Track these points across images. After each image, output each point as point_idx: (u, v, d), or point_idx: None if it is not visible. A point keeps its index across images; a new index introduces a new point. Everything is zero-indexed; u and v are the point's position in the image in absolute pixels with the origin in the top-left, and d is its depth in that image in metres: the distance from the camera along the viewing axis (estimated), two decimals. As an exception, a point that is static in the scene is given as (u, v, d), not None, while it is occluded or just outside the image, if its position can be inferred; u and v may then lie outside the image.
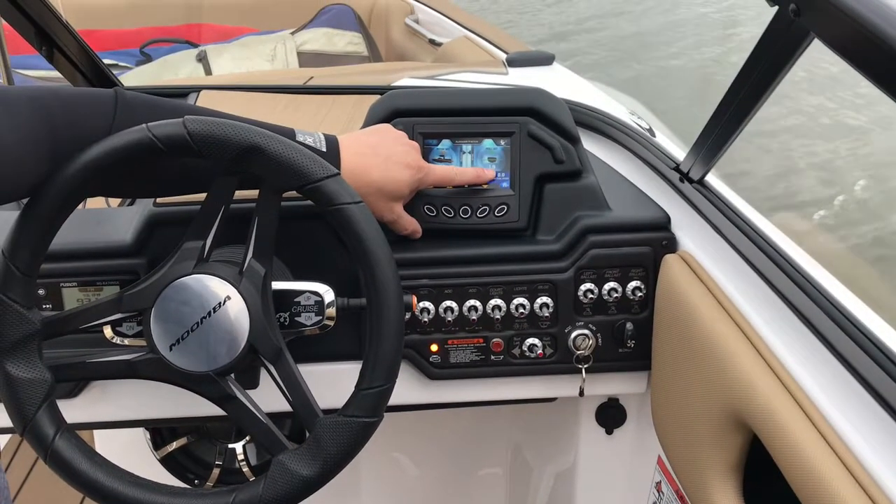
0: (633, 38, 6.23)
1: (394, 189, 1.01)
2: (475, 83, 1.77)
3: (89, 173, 0.82)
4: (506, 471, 1.69)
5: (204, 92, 1.48)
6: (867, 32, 0.60)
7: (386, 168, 1.00)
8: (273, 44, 2.86)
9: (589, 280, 1.10)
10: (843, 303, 0.83)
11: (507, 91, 1.16)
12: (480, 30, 2.60)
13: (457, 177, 1.08)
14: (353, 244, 0.84)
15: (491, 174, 1.10)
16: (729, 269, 0.99)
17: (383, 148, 1.01)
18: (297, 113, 1.38)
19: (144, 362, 0.86)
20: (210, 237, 0.86)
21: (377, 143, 1.01)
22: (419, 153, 1.06)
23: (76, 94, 0.85)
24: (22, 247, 0.82)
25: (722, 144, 0.99)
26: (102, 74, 1.48)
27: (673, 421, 1.03)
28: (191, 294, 0.84)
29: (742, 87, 0.90)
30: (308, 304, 0.92)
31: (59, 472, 0.84)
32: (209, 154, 0.83)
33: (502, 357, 1.11)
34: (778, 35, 0.80)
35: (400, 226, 1.06)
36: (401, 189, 1.02)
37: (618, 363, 1.13)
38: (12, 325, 0.82)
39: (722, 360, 0.90)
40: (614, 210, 1.12)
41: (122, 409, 1.14)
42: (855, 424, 0.74)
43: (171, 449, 1.43)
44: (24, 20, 1.27)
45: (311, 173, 0.83)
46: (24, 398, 0.83)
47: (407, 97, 1.13)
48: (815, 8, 0.68)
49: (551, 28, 6.68)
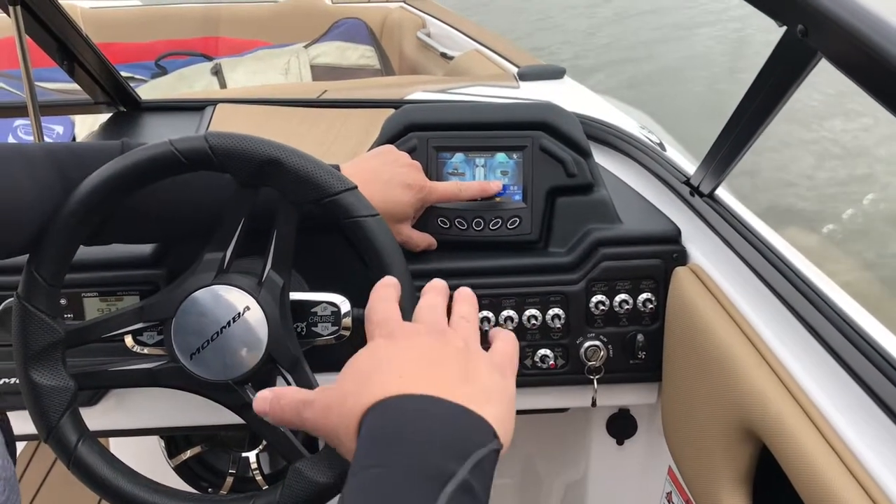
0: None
1: (398, 211, 1.02)
2: (487, 97, 1.79)
3: (113, 186, 0.84)
4: (517, 481, 1.69)
5: (220, 105, 1.50)
6: (873, 53, 0.62)
7: (388, 191, 1.00)
8: (287, 57, 2.89)
9: (600, 292, 1.11)
10: (852, 315, 0.84)
11: (519, 105, 1.18)
12: (491, 43, 2.62)
13: (462, 192, 1.08)
14: (369, 256, 0.86)
15: (497, 186, 1.11)
16: (739, 282, 1.00)
17: (384, 172, 1.01)
18: (313, 127, 1.40)
19: (165, 371, 0.88)
20: (230, 249, 0.88)
21: (378, 167, 1.02)
22: (421, 172, 1.07)
23: (87, 146, 0.90)
24: (47, 257, 0.84)
25: (732, 159, 1.00)
26: (120, 87, 1.51)
27: (683, 431, 1.04)
28: (211, 304, 0.86)
29: (751, 103, 0.91)
30: (325, 315, 0.94)
31: (81, 479, 0.86)
32: (229, 167, 0.85)
33: (514, 368, 1.12)
34: (786, 54, 0.81)
35: (412, 245, 1.07)
36: (404, 210, 1.03)
37: (629, 374, 1.14)
38: (38, 334, 0.84)
39: (732, 371, 0.91)
40: (625, 223, 1.14)
41: (138, 417, 1.16)
42: (863, 435, 0.75)
43: (186, 457, 1.45)
44: (48, 36, 1.30)
45: (328, 186, 0.85)
46: (48, 405, 0.85)
47: (421, 111, 1.15)
48: (822, 28, 0.69)
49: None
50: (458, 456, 0.48)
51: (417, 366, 0.55)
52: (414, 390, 0.52)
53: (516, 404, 0.65)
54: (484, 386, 0.55)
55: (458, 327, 0.62)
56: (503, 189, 1.12)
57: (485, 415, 0.52)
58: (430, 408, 0.51)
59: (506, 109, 1.18)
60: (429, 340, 0.59)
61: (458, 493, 0.46)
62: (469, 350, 0.59)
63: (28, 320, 0.84)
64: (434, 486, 0.46)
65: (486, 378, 0.57)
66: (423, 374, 0.54)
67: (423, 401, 0.52)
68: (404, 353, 0.56)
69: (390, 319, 0.61)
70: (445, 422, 0.51)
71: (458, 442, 0.50)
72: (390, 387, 0.52)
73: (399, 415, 0.51)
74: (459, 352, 0.58)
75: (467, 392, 0.53)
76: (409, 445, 0.49)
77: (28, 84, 1.30)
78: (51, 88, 2.30)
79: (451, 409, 0.51)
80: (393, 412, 0.51)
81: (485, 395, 0.54)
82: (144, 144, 0.87)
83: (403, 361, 0.55)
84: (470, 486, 0.47)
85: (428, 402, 0.52)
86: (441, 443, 0.49)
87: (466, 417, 0.51)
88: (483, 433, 0.51)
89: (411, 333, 0.59)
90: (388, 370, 0.54)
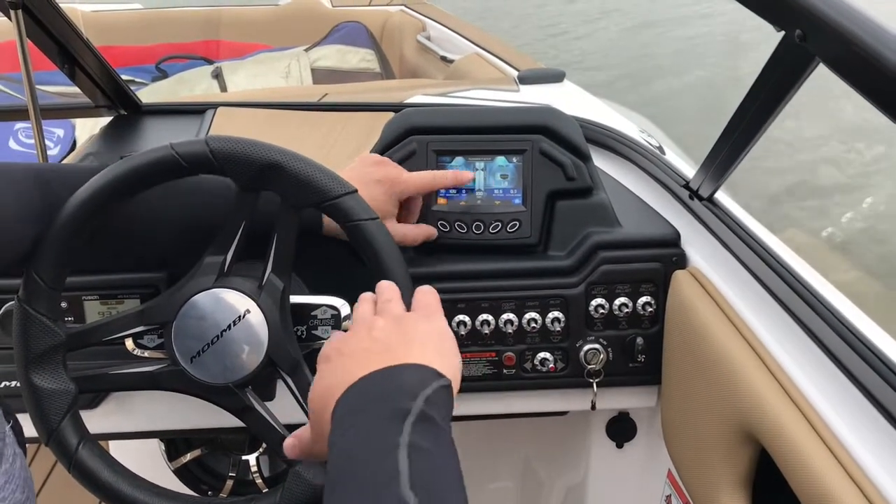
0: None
1: (374, 209, 0.99)
2: (487, 101, 1.79)
3: (115, 188, 0.84)
4: (517, 484, 1.70)
5: (221, 109, 1.51)
6: (870, 58, 0.62)
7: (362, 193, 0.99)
8: (287, 60, 2.90)
9: (600, 295, 1.11)
10: (851, 318, 0.85)
11: (519, 109, 1.18)
12: (491, 46, 2.63)
13: (436, 181, 1.08)
14: (369, 259, 0.86)
15: (469, 176, 1.10)
16: (738, 286, 1.00)
17: (352, 176, 0.99)
18: (313, 131, 1.41)
19: (166, 374, 0.88)
20: (230, 252, 0.89)
21: (349, 175, 1.00)
22: (391, 166, 1.05)
23: (73, 168, 0.91)
24: (48, 261, 0.84)
25: (731, 163, 1.01)
26: (121, 91, 1.51)
27: (683, 435, 1.05)
28: (211, 308, 0.86)
29: (750, 107, 0.92)
30: (325, 318, 0.94)
31: (82, 482, 0.86)
32: (230, 171, 0.85)
33: (514, 371, 1.13)
34: (784, 59, 0.82)
35: (408, 241, 1.07)
36: (380, 207, 1.01)
37: (628, 377, 1.14)
38: (39, 337, 0.84)
39: (731, 374, 0.91)
40: (625, 226, 1.14)
41: (138, 420, 1.16)
42: (862, 439, 0.75)
43: (186, 460, 1.45)
44: (49, 40, 1.30)
45: (329, 190, 0.85)
46: (48, 408, 0.85)
47: (421, 115, 1.15)
48: (820, 34, 0.70)
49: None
50: (411, 396, 0.59)
51: (355, 359, 0.65)
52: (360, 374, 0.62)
53: (516, 406, 0.71)
54: (419, 339, 0.67)
55: (383, 309, 0.74)
56: (503, 192, 1.12)
57: (426, 362, 0.64)
58: (376, 378, 0.62)
59: (506, 113, 1.18)
60: (354, 340, 0.68)
61: (418, 422, 0.56)
62: (398, 319, 0.71)
63: (29, 323, 0.84)
64: (397, 422, 0.56)
65: (419, 330, 0.69)
66: (362, 361, 0.64)
67: (370, 377, 0.62)
68: (339, 366, 0.66)
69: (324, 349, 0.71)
70: (393, 379, 0.62)
71: (408, 388, 0.60)
72: (341, 386, 0.63)
73: (354, 393, 0.61)
74: (388, 328, 0.69)
75: (404, 352, 0.65)
76: (370, 404, 0.59)
77: (29, 87, 1.31)
78: (52, 92, 2.31)
79: (394, 371, 0.63)
80: (349, 396, 0.62)
81: (420, 346, 0.66)
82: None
83: (344, 365, 0.65)
84: (427, 416, 0.57)
85: (374, 374, 0.62)
86: (394, 394, 0.60)
87: (410, 370, 0.63)
88: (428, 375, 0.62)
89: (341, 347, 0.68)
90: (334, 380, 0.64)
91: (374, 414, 0.58)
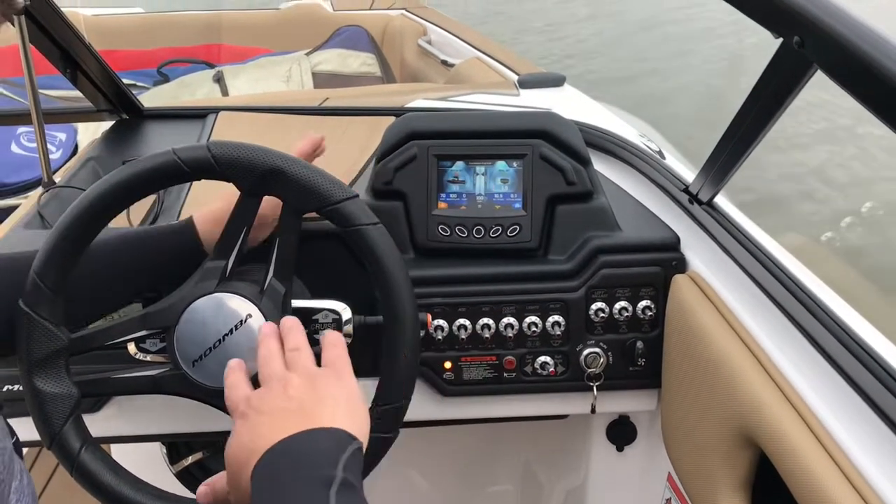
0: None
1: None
2: (488, 105, 1.80)
3: (117, 194, 0.85)
4: (517, 488, 1.70)
5: (222, 113, 1.51)
6: (867, 65, 0.63)
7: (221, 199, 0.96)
8: (288, 65, 2.90)
9: (600, 299, 1.12)
10: (849, 323, 0.85)
11: (519, 114, 1.19)
12: (491, 51, 2.63)
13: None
14: (370, 264, 0.87)
15: (319, 138, 1.04)
16: (737, 290, 1.00)
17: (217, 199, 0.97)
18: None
19: (168, 378, 0.89)
20: (232, 257, 0.89)
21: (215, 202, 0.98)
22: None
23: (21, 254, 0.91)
24: (51, 265, 0.85)
25: (730, 168, 1.01)
26: (123, 95, 1.52)
27: (683, 438, 1.05)
28: (213, 312, 0.87)
29: (749, 113, 0.92)
30: (326, 322, 0.95)
31: (84, 485, 0.86)
32: (232, 176, 0.86)
33: (515, 374, 1.13)
34: (782, 65, 0.82)
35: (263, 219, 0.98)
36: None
37: (628, 381, 1.15)
38: (41, 342, 0.85)
39: (730, 378, 0.92)
40: (625, 231, 1.14)
41: (140, 424, 1.16)
42: (861, 443, 0.76)
43: (187, 463, 1.45)
44: (52, 44, 1.31)
45: (330, 195, 0.86)
46: (51, 412, 0.85)
47: (422, 120, 1.16)
48: (817, 41, 0.70)
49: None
50: (331, 463, 0.61)
51: (272, 419, 0.66)
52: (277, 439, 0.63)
53: (516, 410, 0.70)
54: (331, 400, 0.68)
55: (294, 361, 0.73)
56: (503, 197, 1.13)
57: (338, 424, 0.65)
58: (295, 442, 0.63)
59: (506, 118, 1.19)
60: (270, 398, 0.69)
61: (342, 489, 0.59)
62: (311, 377, 0.71)
63: (32, 328, 0.84)
64: (321, 489, 0.58)
65: (330, 391, 0.69)
66: (278, 422, 0.65)
67: (288, 441, 0.63)
68: (257, 423, 0.67)
69: (238, 402, 0.70)
70: (311, 444, 0.63)
71: (327, 453, 0.62)
72: (259, 446, 0.63)
73: (274, 457, 0.62)
74: (302, 387, 0.69)
75: (319, 413, 0.66)
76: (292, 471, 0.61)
77: (32, 92, 1.31)
78: (54, 96, 2.31)
79: (312, 435, 0.64)
80: (269, 460, 0.62)
81: (333, 408, 0.67)
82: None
83: (262, 424, 0.66)
84: (349, 483, 0.60)
85: (293, 438, 0.63)
86: (314, 460, 0.61)
87: (326, 434, 0.64)
88: (343, 440, 0.64)
89: (258, 405, 0.68)
90: (251, 439, 0.65)
91: (298, 480, 0.60)
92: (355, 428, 0.67)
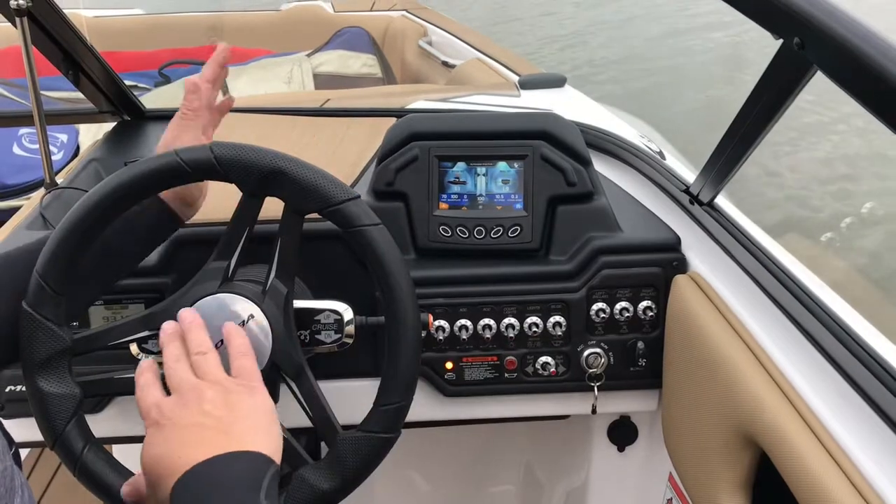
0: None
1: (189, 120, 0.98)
2: (488, 106, 1.80)
3: (121, 194, 0.85)
4: (518, 488, 1.70)
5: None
6: (867, 67, 0.63)
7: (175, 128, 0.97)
8: (289, 66, 2.90)
9: (601, 300, 1.12)
10: (849, 322, 0.85)
11: (520, 115, 1.19)
12: (492, 52, 2.63)
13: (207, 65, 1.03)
14: (372, 264, 0.87)
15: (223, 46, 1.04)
16: (738, 290, 1.01)
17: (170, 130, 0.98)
18: (315, 137, 1.41)
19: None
20: (234, 257, 0.89)
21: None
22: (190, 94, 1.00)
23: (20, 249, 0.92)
24: (54, 266, 0.85)
25: (730, 169, 1.01)
26: (124, 96, 1.52)
27: (683, 438, 1.05)
28: (216, 312, 0.87)
29: (749, 114, 0.92)
30: (328, 323, 0.95)
31: (87, 485, 0.86)
32: (234, 177, 0.86)
33: (516, 375, 1.13)
34: (782, 66, 0.83)
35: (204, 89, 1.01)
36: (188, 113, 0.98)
37: (629, 381, 1.15)
38: (44, 342, 0.85)
39: (731, 378, 0.92)
40: (625, 231, 1.15)
41: (141, 424, 1.15)
42: (860, 442, 0.76)
43: (189, 464, 1.45)
44: (54, 46, 1.31)
45: (332, 196, 0.86)
46: (54, 413, 0.86)
47: (423, 121, 1.16)
48: (817, 42, 0.71)
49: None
50: (252, 487, 0.61)
51: (189, 434, 0.66)
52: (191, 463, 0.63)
53: (517, 410, 0.69)
54: (247, 419, 0.68)
55: (201, 366, 0.72)
56: (504, 198, 1.13)
57: (256, 445, 0.66)
58: (216, 466, 0.63)
59: (507, 119, 1.19)
60: (186, 413, 0.68)
61: None
62: (225, 392, 0.70)
63: (35, 328, 0.85)
64: None
65: (244, 408, 0.69)
66: (196, 439, 0.65)
67: (209, 463, 0.63)
68: (174, 437, 0.66)
69: (150, 408, 0.70)
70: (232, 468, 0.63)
71: (248, 479, 0.62)
72: (177, 463, 0.63)
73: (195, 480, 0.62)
74: (218, 402, 0.69)
75: (238, 433, 0.66)
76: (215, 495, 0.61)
77: (34, 93, 1.31)
78: (56, 97, 2.32)
79: (232, 458, 0.64)
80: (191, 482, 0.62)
81: (250, 427, 0.67)
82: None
83: (178, 439, 0.66)
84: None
85: (214, 461, 0.63)
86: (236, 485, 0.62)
87: (246, 459, 0.64)
88: (262, 464, 0.65)
89: (173, 417, 0.68)
90: (167, 452, 0.65)
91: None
92: (271, 448, 0.67)
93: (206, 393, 0.69)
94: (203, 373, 0.72)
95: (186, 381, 0.71)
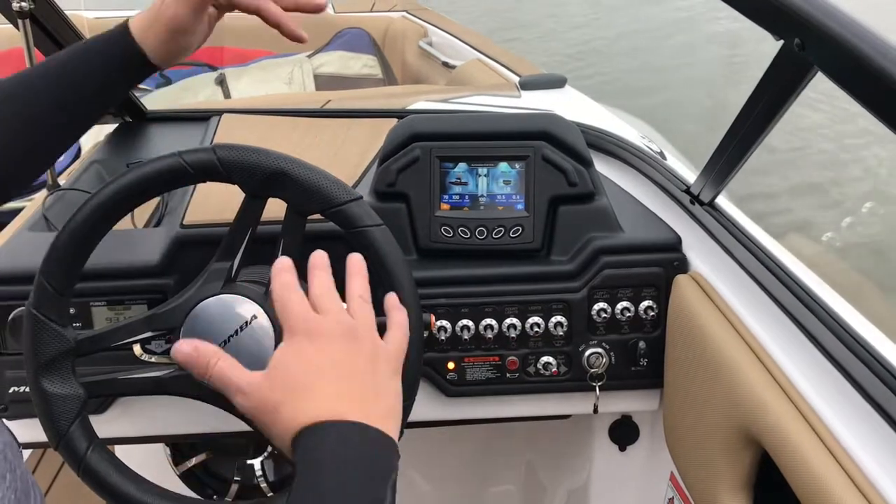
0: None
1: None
2: (489, 107, 1.80)
3: (123, 197, 0.85)
4: (519, 488, 1.70)
5: (225, 116, 1.52)
6: (867, 67, 0.63)
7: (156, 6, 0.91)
8: (290, 67, 2.91)
9: (602, 300, 1.12)
10: (851, 323, 0.85)
11: (521, 116, 1.19)
12: (492, 52, 2.64)
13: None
14: (374, 265, 0.87)
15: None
16: (739, 290, 1.01)
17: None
18: (317, 137, 1.42)
19: (173, 379, 0.89)
20: (237, 258, 0.90)
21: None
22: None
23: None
24: (57, 267, 0.85)
25: (731, 169, 1.02)
26: (126, 98, 1.52)
27: (685, 438, 1.05)
28: (219, 313, 0.87)
29: (750, 114, 0.93)
30: None
31: (91, 485, 0.87)
32: (237, 178, 0.87)
33: (517, 375, 1.14)
34: (783, 67, 0.83)
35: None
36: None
37: (631, 381, 1.15)
38: (48, 343, 0.85)
39: (732, 377, 0.92)
40: (626, 231, 1.15)
41: (145, 425, 1.17)
42: (863, 442, 0.76)
43: (191, 464, 1.45)
44: (56, 47, 1.32)
45: (334, 197, 0.86)
46: (58, 413, 0.86)
47: (424, 122, 1.16)
48: (818, 43, 0.71)
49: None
50: (383, 480, 0.56)
51: (341, 385, 0.60)
52: (342, 415, 0.58)
53: (519, 410, 0.68)
54: (387, 398, 0.63)
55: (358, 312, 0.65)
56: (506, 198, 1.13)
57: (389, 430, 0.60)
58: (356, 436, 0.58)
59: (508, 119, 1.19)
60: (345, 346, 0.62)
61: None
62: (376, 354, 0.64)
63: (38, 329, 0.85)
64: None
65: (388, 385, 0.63)
66: (347, 395, 0.59)
67: (350, 429, 0.58)
68: (329, 367, 0.60)
69: (307, 314, 0.63)
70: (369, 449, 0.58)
71: (380, 467, 0.57)
72: (322, 410, 0.58)
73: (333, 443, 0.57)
74: (370, 359, 0.63)
75: (378, 411, 0.60)
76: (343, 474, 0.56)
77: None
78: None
79: (370, 436, 0.59)
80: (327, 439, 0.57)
81: (386, 409, 0.62)
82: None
83: (331, 379, 0.60)
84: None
85: (355, 429, 0.58)
86: (369, 471, 0.57)
87: (381, 441, 0.59)
88: (393, 452, 0.59)
89: (329, 334, 0.62)
90: (318, 388, 0.59)
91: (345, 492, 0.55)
92: (396, 436, 0.61)
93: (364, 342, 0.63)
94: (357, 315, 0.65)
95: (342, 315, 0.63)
